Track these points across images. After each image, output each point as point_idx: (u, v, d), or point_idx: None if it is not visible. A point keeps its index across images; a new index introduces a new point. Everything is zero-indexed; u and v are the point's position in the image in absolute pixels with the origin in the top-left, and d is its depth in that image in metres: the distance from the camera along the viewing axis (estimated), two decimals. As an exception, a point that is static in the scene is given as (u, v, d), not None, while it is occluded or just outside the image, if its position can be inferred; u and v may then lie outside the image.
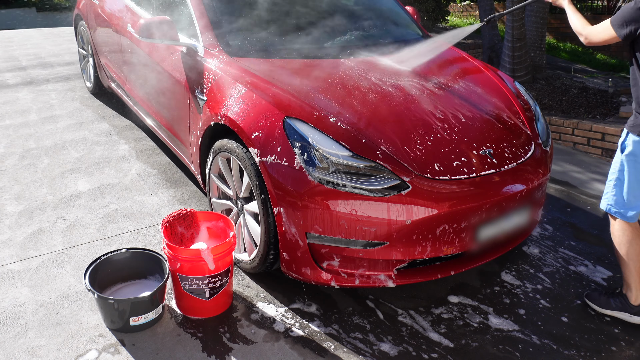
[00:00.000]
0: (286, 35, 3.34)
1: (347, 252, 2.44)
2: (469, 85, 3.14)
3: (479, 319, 2.62)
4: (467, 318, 2.62)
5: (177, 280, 2.47)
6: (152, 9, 3.89)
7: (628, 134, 2.50)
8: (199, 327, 2.47)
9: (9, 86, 6.02)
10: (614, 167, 2.57)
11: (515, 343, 2.48)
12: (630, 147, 2.48)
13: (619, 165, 2.54)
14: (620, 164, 2.53)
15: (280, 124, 2.51)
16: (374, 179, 2.37)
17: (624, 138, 2.52)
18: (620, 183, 2.55)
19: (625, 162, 2.51)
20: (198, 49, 3.15)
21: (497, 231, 2.63)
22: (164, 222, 2.57)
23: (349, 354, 2.36)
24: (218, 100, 2.84)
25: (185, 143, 3.35)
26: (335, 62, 3.09)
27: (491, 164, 2.58)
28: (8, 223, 3.27)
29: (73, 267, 2.86)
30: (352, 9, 3.99)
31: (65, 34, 9.36)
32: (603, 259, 3.18)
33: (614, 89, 6.05)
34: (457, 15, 13.21)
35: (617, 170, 2.55)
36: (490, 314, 2.66)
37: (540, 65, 6.78)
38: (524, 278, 2.96)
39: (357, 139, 2.47)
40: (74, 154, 4.24)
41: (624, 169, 2.51)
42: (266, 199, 2.52)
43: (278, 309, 2.61)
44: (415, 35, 3.75)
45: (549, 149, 2.97)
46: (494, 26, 7.36)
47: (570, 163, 4.65)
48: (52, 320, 2.47)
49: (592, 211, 3.75)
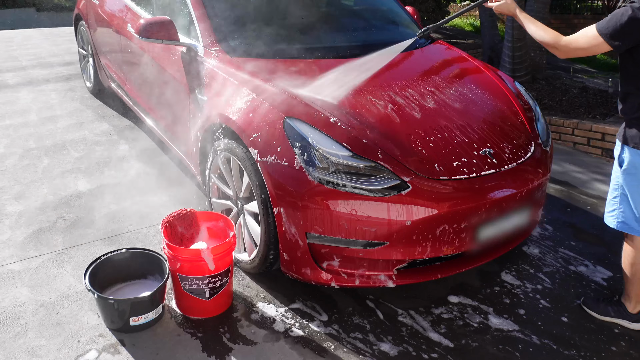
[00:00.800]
0: (286, 35, 3.34)
1: (347, 252, 2.44)
2: (469, 86, 3.14)
3: (479, 319, 2.62)
4: (467, 318, 2.62)
5: (177, 280, 2.47)
6: (152, 9, 3.89)
7: (623, 147, 2.34)
8: (199, 327, 2.47)
9: (9, 86, 6.02)
10: (616, 183, 2.43)
11: (515, 343, 2.48)
12: (627, 160, 2.33)
13: (621, 180, 2.39)
14: (622, 179, 2.38)
15: (280, 124, 2.51)
16: (374, 179, 2.37)
17: (620, 151, 2.37)
18: (625, 198, 2.40)
19: (626, 177, 2.36)
20: (198, 49, 3.15)
21: (497, 231, 2.62)
22: (164, 222, 2.57)
23: (349, 354, 2.36)
24: (218, 100, 2.84)
25: (185, 143, 3.35)
26: (335, 62, 3.09)
27: (491, 164, 2.58)
28: (8, 223, 3.27)
29: (73, 267, 2.86)
30: (352, 9, 3.99)
31: (65, 34, 9.36)
32: (603, 259, 3.18)
33: (614, 89, 6.04)
34: (457, 15, 13.19)
35: (619, 185, 2.40)
36: (490, 314, 2.66)
37: (540, 65, 6.78)
38: (524, 278, 2.96)
39: (357, 139, 2.47)
40: (74, 154, 4.24)
41: (627, 183, 2.37)
42: (266, 199, 2.52)
43: (278, 309, 2.61)
44: (415, 35, 3.74)
45: (549, 149, 2.97)
46: (494, 26, 7.35)
47: (570, 163, 4.65)
48: (52, 320, 2.47)
49: (592, 211, 3.75)
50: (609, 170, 2.60)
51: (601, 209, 3.78)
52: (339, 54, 3.19)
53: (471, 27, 12.08)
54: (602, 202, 3.89)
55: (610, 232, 3.38)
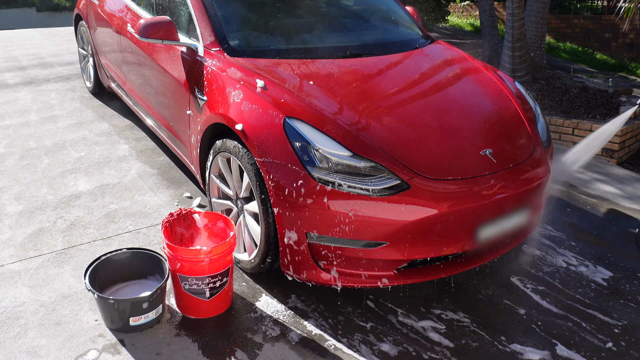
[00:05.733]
0: (286, 35, 3.34)
1: (347, 252, 2.44)
2: (469, 86, 3.14)
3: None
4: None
5: (177, 280, 2.47)
6: (152, 9, 3.90)
7: None
8: (199, 327, 2.47)
9: (9, 86, 6.02)
10: None
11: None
12: None
13: None
14: None
15: (280, 124, 2.51)
16: (374, 179, 2.37)
17: None
18: None
19: None
20: (198, 48, 3.15)
21: (497, 231, 2.62)
22: (164, 222, 2.57)
23: (349, 354, 2.36)
24: (218, 100, 2.84)
25: (185, 143, 3.36)
26: (335, 62, 3.09)
27: (491, 164, 2.58)
28: (8, 223, 3.27)
29: (73, 267, 2.86)
30: (352, 9, 3.99)
31: (65, 34, 9.36)
32: (603, 259, 3.18)
33: (614, 89, 6.04)
34: (457, 15, 13.21)
35: None
36: (490, 314, 2.66)
37: (540, 65, 6.78)
38: (524, 278, 2.96)
39: (357, 139, 2.47)
40: (74, 154, 4.24)
41: None
42: (266, 199, 2.52)
43: (278, 309, 2.61)
44: (416, 35, 3.75)
45: (549, 149, 2.97)
46: (494, 26, 7.35)
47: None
48: (52, 320, 2.47)
49: (592, 211, 3.75)
50: (609, 170, 2.60)
51: (601, 209, 3.78)
52: (338, 54, 3.19)
53: (471, 27, 12.09)
54: (602, 202, 3.89)
55: (610, 232, 3.38)
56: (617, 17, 9.34)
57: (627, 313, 2.73)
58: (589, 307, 2.75)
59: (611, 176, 4.35)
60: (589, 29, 11.12)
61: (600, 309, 2.74)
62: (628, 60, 10.30)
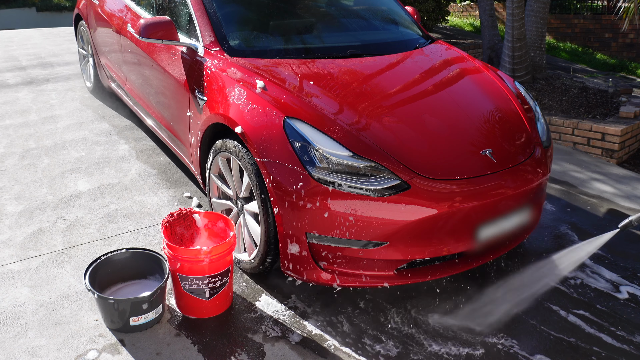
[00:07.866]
0: (286, 35, 3.35)
1: (347, 252, 2.44)
2: (469, 86, 3.14)
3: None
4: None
5: (177, 280, 2.47)
6: (152, 9, 3.90)
7: None
8: (199, 327, 2.47)
9: (9, 86, 6.02)
10: None
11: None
12: None
13: None
14: None
15: (280, 124, 2.51)
16: (374, 179, 2.37)
17: None
18: None
19: None
20: (198, 48, 3.15)
21: (497, 231, 2.62)
22: (164, 222, 2.57)
23: (349, 354, 2.36)
24: (218, 100, 2.84)
25: (185, 143, 3.36)
26: (335, 62, 3.09)
27: (491, 164, 2.58)
28: (8, 223, 3.27)
29: (73, 267, 2.86)
30: (352, 9, 3.99)
31: (65, 34, 9.36)
32: (603, 259, 3.18)
33: (614, 89, 6.04)
34: (457, 15, 13.20)
35: None
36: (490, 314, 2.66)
37: (540, 65, 6.78)
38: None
39: (357, 139, 2.47)
40: (74, 154, 4.24)
41: None
42: (266, 199, 2.52)
43: (278, 309, 2.61)
44: (416, 35, 3.75)
45: (549, 149, 2.97)
46: (494, 26, 7.35)
47: (570, 163, 4.65)
48: (52, 320, 2.47)
49: (592, 211, 3.75)
50: (609, 170, 2.60)
51: (601, 208, 3.78)
52: (338, 54, 3.19)
53: (471, 27, 12.08)
54: (602, 202, 3.89)
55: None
56: (617, 17, 9.33)
57: (627, 313, 2.72)
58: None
59: (611, 176, 4.35)
60: (589, 29, 11.12)
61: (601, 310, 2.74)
62: (628, 60, 10.31)
